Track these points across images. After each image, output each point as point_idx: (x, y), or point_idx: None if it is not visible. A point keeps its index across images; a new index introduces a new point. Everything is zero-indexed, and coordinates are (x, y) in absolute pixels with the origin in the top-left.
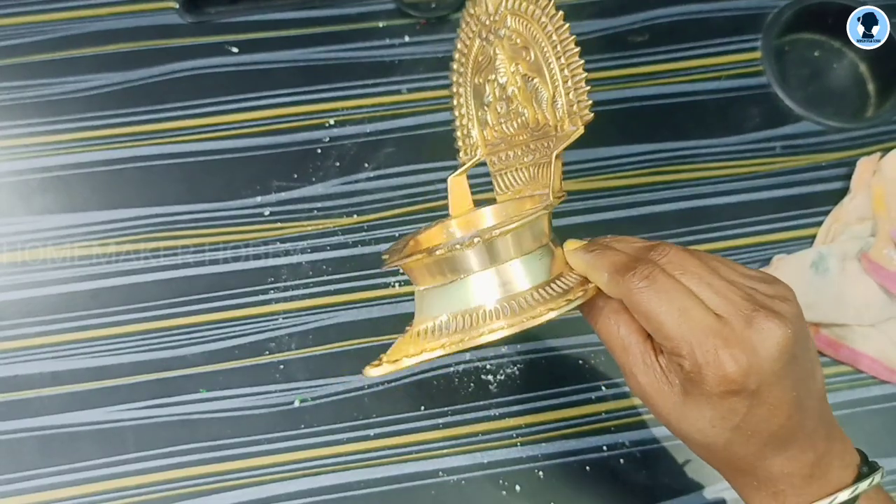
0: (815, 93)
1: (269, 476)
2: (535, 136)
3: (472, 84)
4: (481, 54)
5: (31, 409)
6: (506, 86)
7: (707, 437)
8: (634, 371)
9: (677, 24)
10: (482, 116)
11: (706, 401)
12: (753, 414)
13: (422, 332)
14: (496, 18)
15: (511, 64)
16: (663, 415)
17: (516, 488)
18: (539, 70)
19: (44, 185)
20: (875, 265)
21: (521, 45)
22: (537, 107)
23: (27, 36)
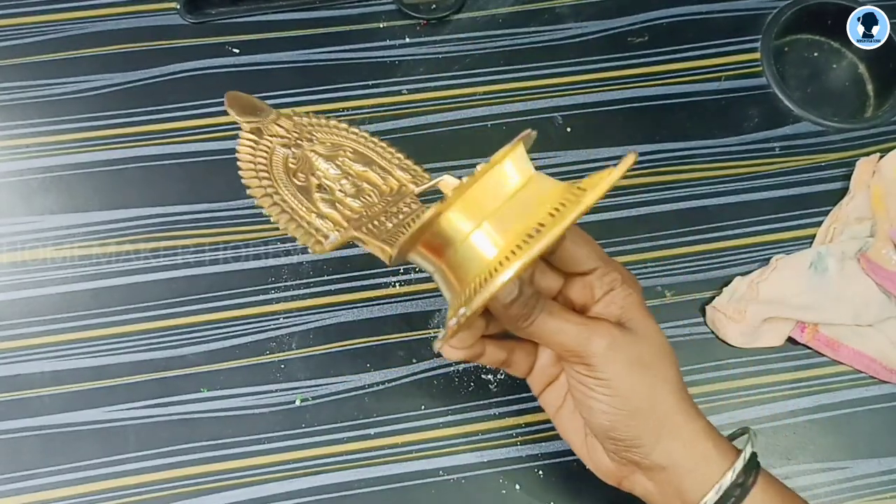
0: (814, 93)
1: (269, 475)
2: (393, 201)
3: (291, 186)
4: (292, 160)
5: (32, 409)
6: (344, 171)
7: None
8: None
9: (677, 24)
10: (321, 206)
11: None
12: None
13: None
14: (296, 132)
15: (335, 158)
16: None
17: (516, 487)
18: (365, 157)
19: (44, 185)
20: (874, 265)
21: (335, 146)
22: (383, 179)
23: (29, 36)
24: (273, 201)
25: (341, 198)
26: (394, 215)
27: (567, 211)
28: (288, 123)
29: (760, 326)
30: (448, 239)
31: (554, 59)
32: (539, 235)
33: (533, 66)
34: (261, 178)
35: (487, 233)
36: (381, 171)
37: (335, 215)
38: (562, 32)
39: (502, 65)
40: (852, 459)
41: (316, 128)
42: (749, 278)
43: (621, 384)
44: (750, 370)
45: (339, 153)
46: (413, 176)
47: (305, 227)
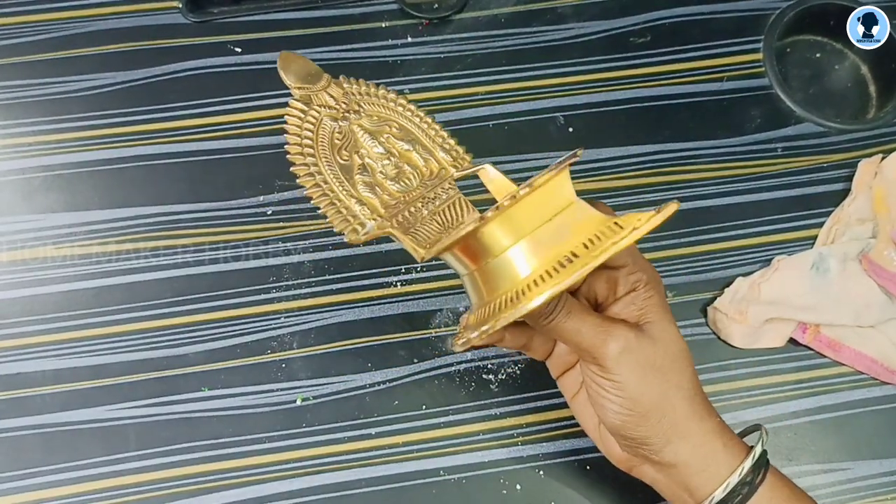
0: (816, 94)
1: (270, 474)
2: (431, 185)
3: (334, 164)
4: (338, 134)
5: (33, 407)
6: (387, 150)
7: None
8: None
9: (679, 25)
10: (361, 189)
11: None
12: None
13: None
14: (345, 103)
15: (380, 135)
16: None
17: (517, 487)
18: (410, 134)
19: (45, 184)
20: (876, 266)
21: (382, 120)
22: (424, 161)
23: (30, 35)
24: (315, 181)
25: (381, 180)
26: (430, 201)
27: (601, 246)
28: (338, 91)
29: (762, 327)
30: (485, 249)
31: (556, 59)
32: (571, 267)
33: (535, 66)
34: (305, 154)
35: (524, 251)
36: (424, 152)
37: (374, 201)
38: (564, 32)
39: (504, 65)
40: (854, 461)
41: (365, 98)
42: (751, 279)
43: (633, 388)
44: (751, 371)
45: (385, 129)
46: (454, 158)
47: (344, 212)
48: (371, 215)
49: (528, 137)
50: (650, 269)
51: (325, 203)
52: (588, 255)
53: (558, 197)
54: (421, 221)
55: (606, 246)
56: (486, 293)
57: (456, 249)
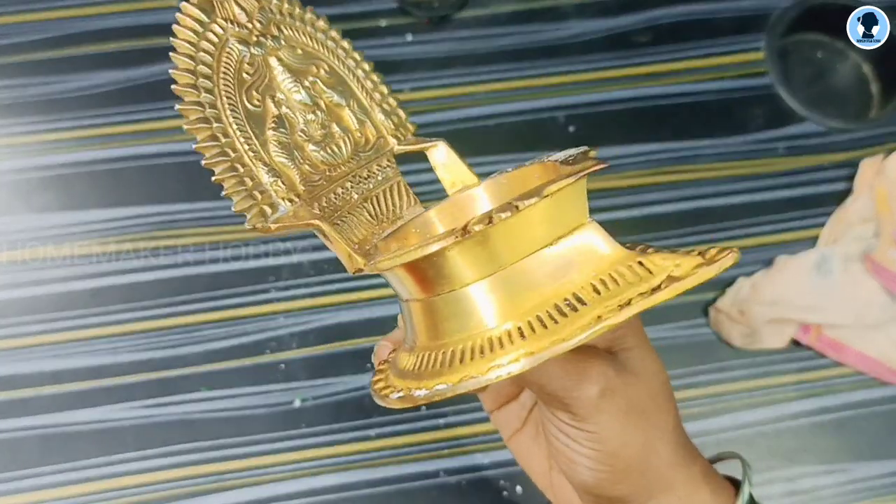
0: (818, 93)
1: (269, 476)
2: (365, 158)
3: (240, 108)
4: (248, 66)
5: (31, 408)
6: (312, 100)
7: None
8: None
9: (680, 24)
10: (274, 152)
11: None
12: None
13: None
14: (260, 22)
15: (304, 76)
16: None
17: (517, 489)
18: (342, 83)
19: (44, 184)
20: (878, 266)
21: (307, 56)
22: (359, 123)
23: (29, 34)
24: (212, 131)
25: (302, 142)
26: (363, 180)
27: (619, 295)
28: (251, 3)
29: (764, 328)
30: (442, 276)
31: (557, 58)
32: (574, 319)
33: (536, 65)
34: (200, 88)
35: (507, 284)
36: (359, 110)
37: (291, 171)
38: (565, 31)
39: (505, 63)
40: (855, 462)
41: (287, 20)
42: (752, 279)
43: (613, 438)
44: (753, 371)
45: (311, 69)
46: (395, 125)
47: (248, 183)
48: (286, 192)
49: (528, 136)
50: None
51: (222, 167)
52: (600, 306)
53: (568, 213)
54: (350, 209)
55: (631, 297)
56: (433, 333)
57: (404, 269)
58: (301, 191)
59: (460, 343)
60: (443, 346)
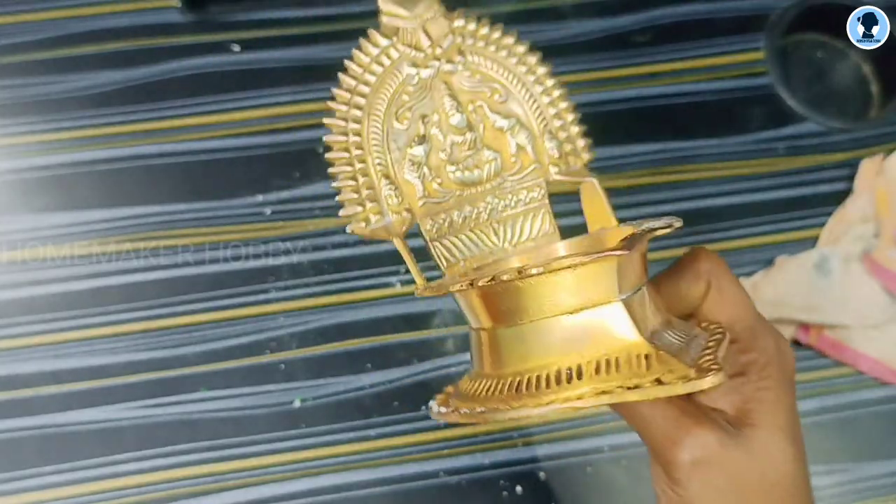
0: (818, 93)
1: (268, 476)
2: (512, 184)
3: (384, 126)
4: (410, 87)
5: (31, 408)
6: (468, 124)
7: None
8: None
9: (680, 24)
10: (404, 169)
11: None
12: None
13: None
14: (441, 46)
15: (472, 100)
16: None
17: (517, 489)
18: (516, 108)
19: (44, 184)
20: (878, 266)
21: (485, 80)
22: (517, 148)
23: (28, 34)
24: (346, 144)
25: (439, 162)
26: (500, 203)
27: (609, 379)
28: (440, 28)
29: None
30: (522, 306)
31: (556, 58)
32: (545, 392)
33: None
34: (352, 105)
35: (565, 327)
36: (524, 136)
37: (413, 189)
38: (564, 31)
39: None
40: (856, 462)
41: (477, 43)
42: (752, 279)
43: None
44: None
45: (483, 92)
46: (562, 154)
47: (363, 192)
48: (398, 206)
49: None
50: (772, 350)
51: (344, 175)
52: (589, 384)
53: (592, 288)
54: (474, 228)
55: (612, 387)
56: (492, 358)
57: (476, 294)
58: (417, 206)
59: (523, 375)
60: (503, 373)
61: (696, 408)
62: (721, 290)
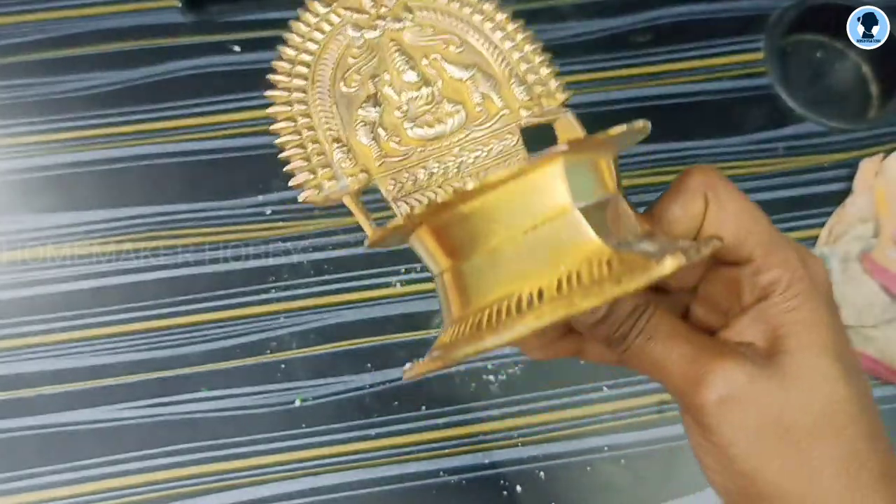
0: (817, 94)
1: (269, 476)
2: (481, 133)
3: (329, 92)
4: (355, 50)
5: (32, 408)
6: (425, 77)
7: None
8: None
9: (680, 24)
10: (357, 132)
11: (814, 344)
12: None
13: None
14: (385, 9)
15: (424, 55)
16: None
17: (517, 489)
18: (475, 56)
19: (44, 184)
20: (877, 266)
21: (438, 32)
22: (481, 97)
23: (29, 34)
24: (290, 113)
25: (396, 121)
26: (470, 155)
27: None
28: None
29: None
30: (473, 235)
31: (557, 58)
32: (505, 322)
33: None
34: (294, 75)
35: (479, 270)
36: (487, 84)
37: (368, 150)
38: (564, 31)
39: None
40: None
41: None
42: None
43: (740, 457)
44: None
45: (437, 46)
46: (536, 96)
47: (314, 159)
48: (353, 169)
49: (528, 136)
50: (795, 263)
51: (291, 146)
52: (547, 305)
53: (544, 199)
54: (443, 184)
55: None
56: (465, 303)
57: (427, 231)
58: (374, 167)
59: (487, 308)
60: (475, 312)
61: (718, 343)
62: (720, 202)
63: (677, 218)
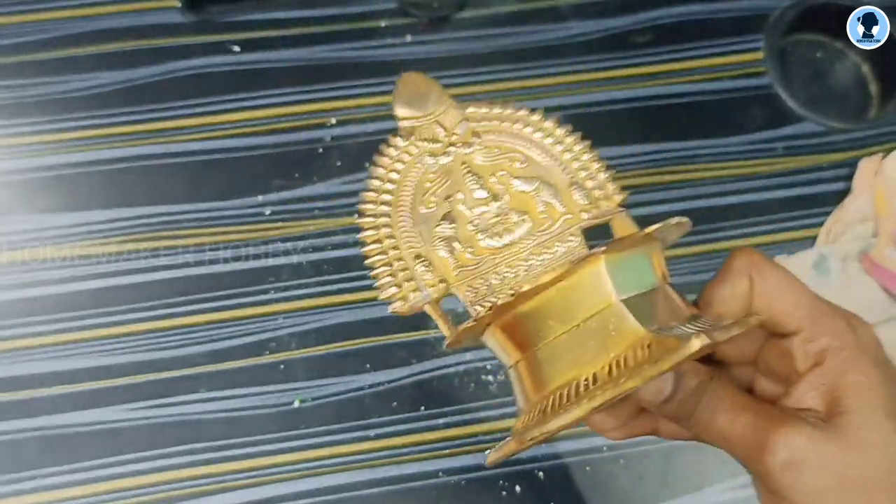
0: (817, 93)
1: (269, 477)
2: (546, 238)
3: (410, 214)
4: (431, 175)
5: (32, 409)
6: (492, 194)
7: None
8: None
9: (680, 24)
10: (437, 245)
11: (865, 398)
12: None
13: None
14: (456, 133)
15: (492, 173)
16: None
17: (516, 489)
18: (538, 169)
19: (45, 184)
20: (876, 266)
21: (504, 152)
22: (545, 206)
23: (29, 34)
24: (377, 236)
25: (469, 234)
26: (537, 258)
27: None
28: (452, 118)
29: None
30: (535, 331)
31: (556, 58)
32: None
33: (534, 65)
34: (379, 203)
35: (535, 366)
36: (549, 193)
37: (445, 262)
38: (564, 31)
39: (504, 63)
40: None
41: (491, 123)
42: None
43: None
44: None
45: (503, 163)
46: (591, 200)
47: (399, 275)
48: (433, 280)
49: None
50: (843, 329)
51: (378, 263)
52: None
53: (588, 296)
54: (507, 289)
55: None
56: (534, 389)
57: (497, 330)
58: (452, 276)
59: (558, 392)
60: (542, 397)
61: (779, 411)
62: (765, 280)
63: (725, 299)
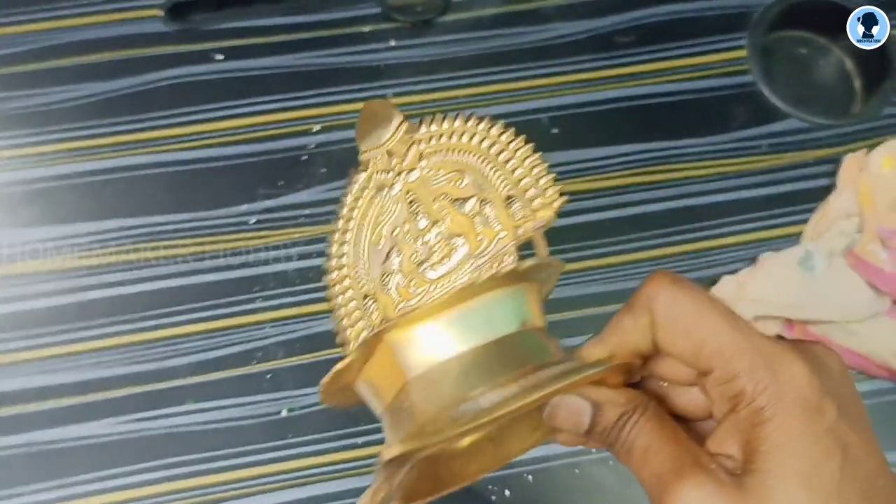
0: (801, 90)
1: (257, 487)
2: (484, 263)
3: (366, 250)
4: (382, 208)
5: (17, 426)
6: (432, 221)
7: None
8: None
9: (663, 23)
10: (385, 282)
11: (787, 457)
12: (849, 466)
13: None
14: (402, 159)
15: (436, 198)
16: None
17: (506, 493)
18: (485, 185)
19: (28, 197)
20: (861, 261)
21: (450, 171)
22: (482, 227)
23: (9, 46)
24: (336, 278)
25: (413, 266)
26: (472, 279)
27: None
28: (402, 145)
29: None
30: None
31: (540, 60)
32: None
33: (519, 68)
34: (339, 243)
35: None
36: (488, 210)
37: (389, 299)
38: (548, 33)
39: (488, 66)
40: None
41: (439, 141)
42: (737, 277)
43: None
44: None
45: (445, 185)
46: (523, 215)
47: (351, 319)
48: (377, 321)
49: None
50: (760, 372)
51: (338, 309)
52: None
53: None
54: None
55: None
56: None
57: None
58: (394, 315)
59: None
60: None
61: (694, 455)
62: (671, 312)
63: (627, 330)
